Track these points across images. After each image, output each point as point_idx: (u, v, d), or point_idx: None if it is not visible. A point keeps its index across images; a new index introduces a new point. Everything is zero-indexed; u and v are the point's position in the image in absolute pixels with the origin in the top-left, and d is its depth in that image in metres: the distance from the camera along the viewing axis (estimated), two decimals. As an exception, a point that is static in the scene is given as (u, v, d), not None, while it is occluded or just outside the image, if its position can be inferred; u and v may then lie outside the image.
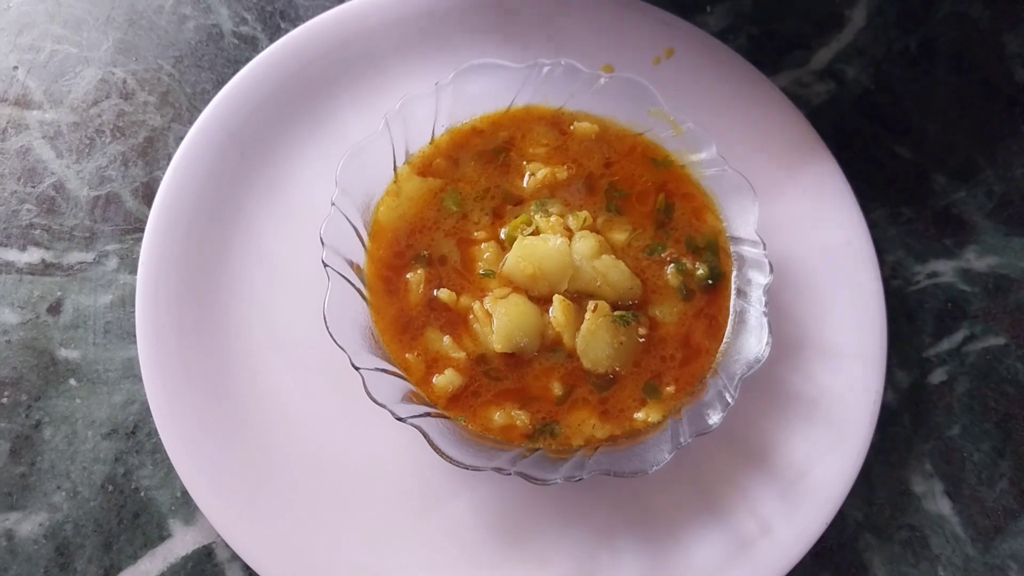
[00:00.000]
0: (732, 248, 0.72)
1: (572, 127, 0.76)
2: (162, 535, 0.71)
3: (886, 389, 0.74)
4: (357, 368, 0.61)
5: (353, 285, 0.67)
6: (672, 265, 0.71)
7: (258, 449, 0.71)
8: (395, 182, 0.73)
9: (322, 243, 0.65)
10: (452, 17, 0.85)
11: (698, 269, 0.71)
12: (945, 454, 0.77)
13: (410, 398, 0.65)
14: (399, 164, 0.73)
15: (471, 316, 0.68)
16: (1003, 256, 0.86)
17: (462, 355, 0.67)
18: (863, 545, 0.74)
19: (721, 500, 0.70)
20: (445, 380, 0.66)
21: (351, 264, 0.68)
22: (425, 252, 0.70)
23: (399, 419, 0.61)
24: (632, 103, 0.75)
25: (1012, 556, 0.74)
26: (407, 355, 0.67)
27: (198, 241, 0.75)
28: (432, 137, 0.74)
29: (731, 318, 0.70)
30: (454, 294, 0.68)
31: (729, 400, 0.64)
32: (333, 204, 0.67)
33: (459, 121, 0.75)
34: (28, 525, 0.71)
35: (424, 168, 0.74)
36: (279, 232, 0.78)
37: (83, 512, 0.71)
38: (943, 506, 0.76)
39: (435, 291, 0.69)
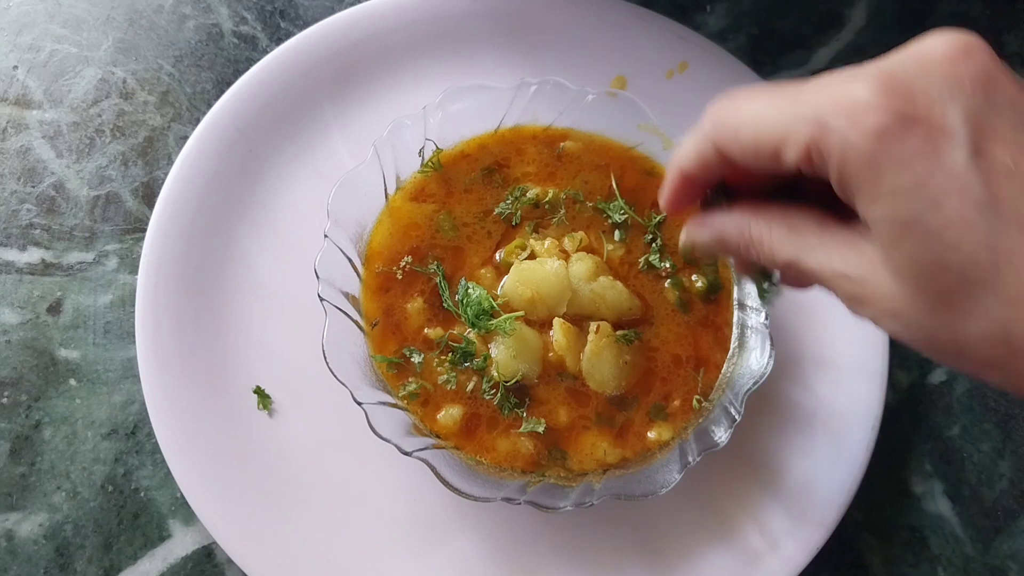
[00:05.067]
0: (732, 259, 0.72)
1: (562, 145, 0.75)
2: (162, 536, 0.71)
3: (886, 389, 0.74)
4: (359, 403, 0.61)
5: (350, 317, 0.66)
6: (669, 280, 0.71)
7: (256, 455, 0.71)
8: (388, 209, 0.72)
9: (317, 277, 0.64)
10: (463, 25, 0.84)
11: (696, 282, 0.71)
12: (945, 454, 0.77)
13: (413, 430, 0.64)
14: (391, 191, 0.72)
15: (469, 345, 0.67)
16: (1003, 256, 0.86)
17: (463, 384, 0.67)
18: (863, 545, 0.74)
19: (727, 518, 0.70)
20: (448, 413, 0.66)
21: (347, 296, 0.67)
22: (422, 279, 0.70)
23: (405, 453, 0.60)
24: (622, 118, 0.74)
25: (1012, 556, 0.74)
26: (408, 387, 0.66)
27: (200, 241, 0.75)
28: (423, 161, 0.73)
29: (735, 332, 0.70)
30: (441, 330, 0.68)
31: (735, 416, 0.64)
32: (326, 236, 0.66)
33: (449, 144, 0.74)
34: (28, 525, 0.71)
35: (416, 193, 0.73)
36: (285, 232, 0.78)
37: (83, 512, 0.71)
38: (943, 506, 0.76)
39: (425, 329, 0.68)
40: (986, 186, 0.36)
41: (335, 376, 0.62)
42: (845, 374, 0.74)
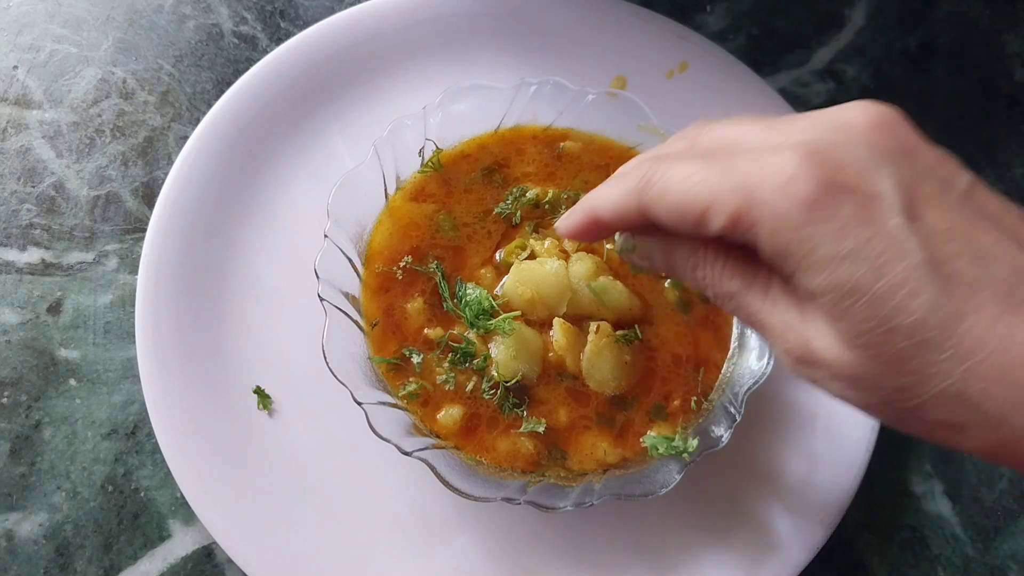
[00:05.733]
0: None
1: (562, 145, 0.75)
2: (162, 536, 0.71)
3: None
4: (359, 403, 0.61)
5: (350, 317, 0.66)
6: (669, 280, 0.71)
7: (256, 455, 0.71)
8: (388, 209, 0.72)
9: (317, 277, 0.64)
10: (463, 25, 0.84)
11: None
12: (945, 454, 0.77)
13: (414, 430, 0.64)
14: (391, 191, 0.72)
15: (469, 345, 0.67)
16: (1003, 256, 0.85)
17: (463, 384, 0.67)
18: (863, 545, 0.74)
19: (727, 518, 0.70)
20: (448, 413, 0.66)
21: (347, 295, 0.67)
22: (423, 279, 0.70)
23: (405, 453, 0.60)
24: (622, 118, 0.74)
25: (1012, 556, 0.74)
26: (407, 387, 0.66)
27: (200, 241, 0.75)
28: (422, 161, 0.73)
29: (735, 331, 0.70)
30: (442, 330, 0.68)
31: (736, 416, 0.64)
32: (326, 237, 0.66)
33: (449, 144, 0.74)
34: (28, 525, 0.71)
35: (416, 193, 0.73)
36: (285, 232, 0.78)
37: (83, 512, 0.71)
38: (943, 506, 0.76)
39: (426, 330, 0.68)
40: (925, 248, 0.37)
41: (335, 376, 0.62)
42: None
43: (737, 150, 0.42)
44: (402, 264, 0.70)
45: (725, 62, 0.85)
